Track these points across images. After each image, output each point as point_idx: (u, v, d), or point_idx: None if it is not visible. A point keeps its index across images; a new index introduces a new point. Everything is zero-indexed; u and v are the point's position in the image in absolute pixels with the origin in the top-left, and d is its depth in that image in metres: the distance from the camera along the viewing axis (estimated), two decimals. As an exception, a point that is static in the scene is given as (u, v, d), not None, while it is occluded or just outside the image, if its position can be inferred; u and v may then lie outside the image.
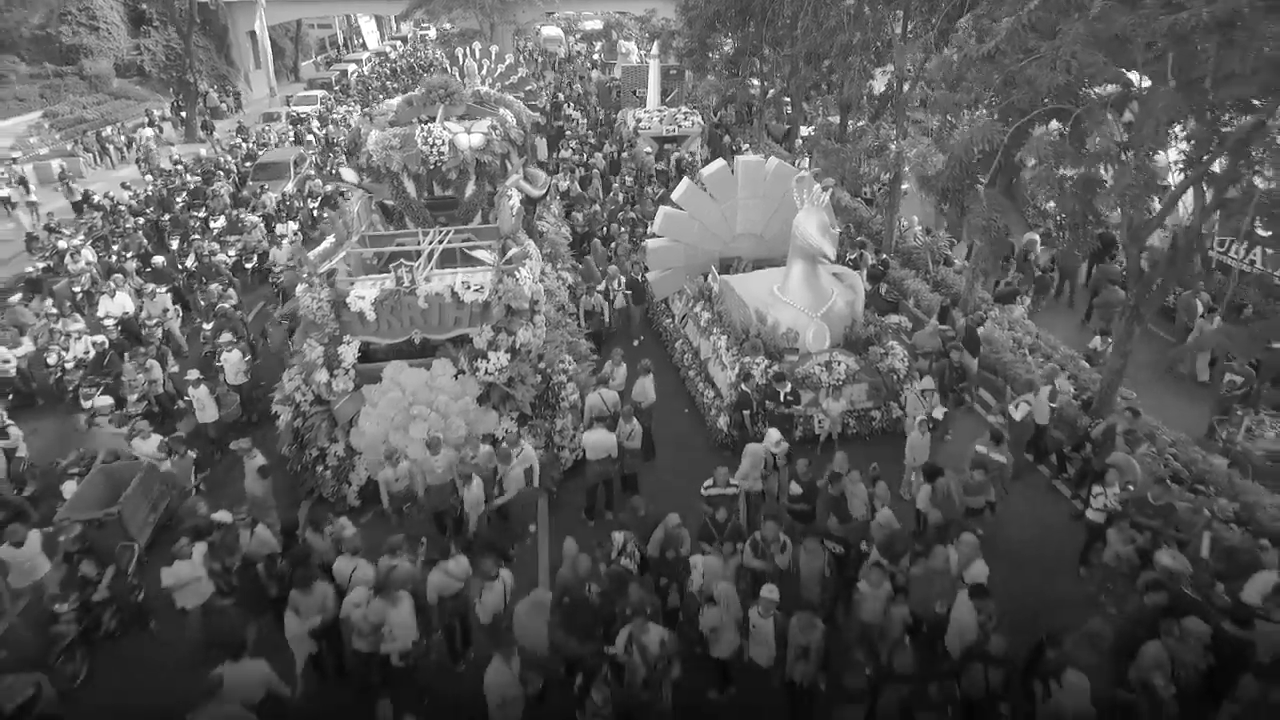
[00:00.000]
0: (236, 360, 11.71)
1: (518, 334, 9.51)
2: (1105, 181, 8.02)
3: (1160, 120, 7.55)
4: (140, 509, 9.37)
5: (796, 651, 6.30)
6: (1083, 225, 9.44)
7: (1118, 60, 8.01)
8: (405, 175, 11.99)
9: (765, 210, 12.80)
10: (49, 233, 17.44)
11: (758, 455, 8.50)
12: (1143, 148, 7.59)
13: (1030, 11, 8.09)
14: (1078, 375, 11.10)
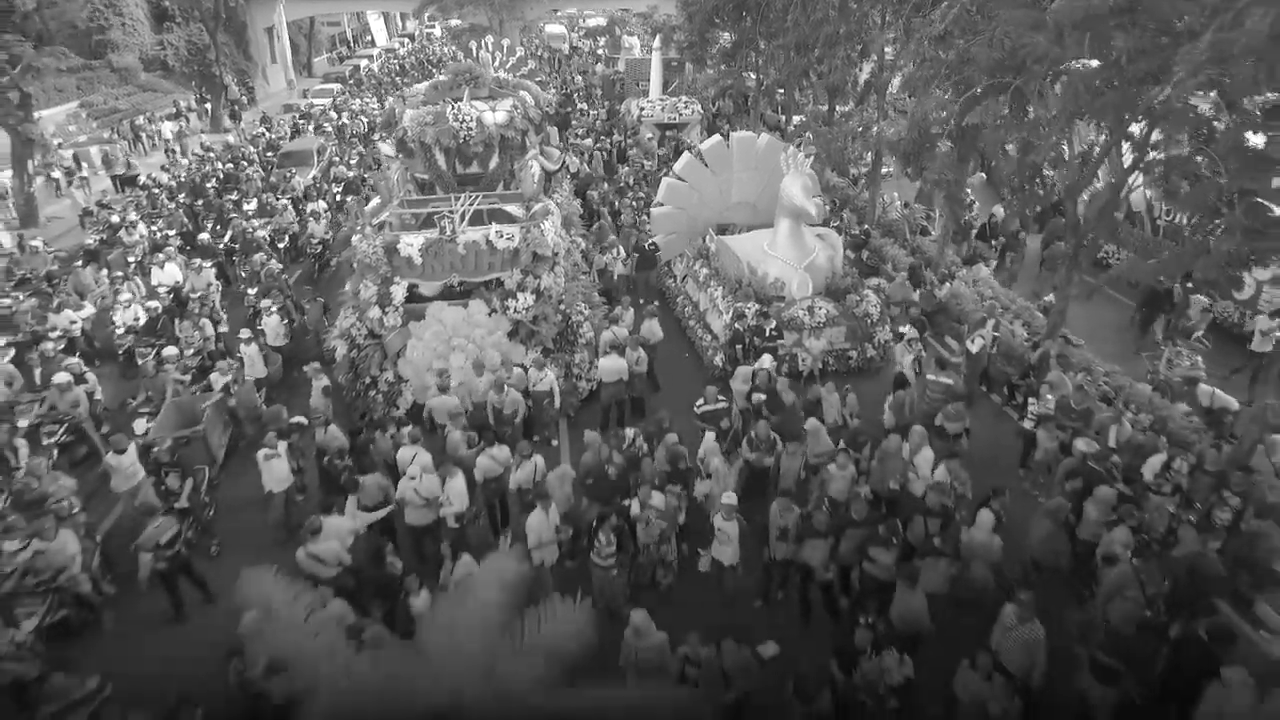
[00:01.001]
0: (276, 324, 13.14)
1: (542, 278, 11.08)
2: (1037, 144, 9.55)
3: (1080, 91, 9.10)
4: (215, 432, 10.94)
5: (777, 532, 7.80)
6: (1028, 186, 11.05)
7: (1049, 39, 9.55)
8: (437, 148, 13.51)
9: (757, 181, 14.34)
10: (101, 208, 18.98)
11: (745, 373, 10.08)
12: (1065, 115, 9.14)
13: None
14: (1031, 322, 12.66)
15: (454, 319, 10.75)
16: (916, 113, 10.58)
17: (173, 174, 22.33)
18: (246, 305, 14.80)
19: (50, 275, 15.72)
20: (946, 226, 15.07)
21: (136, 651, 7.79)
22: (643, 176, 20.12)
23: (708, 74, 26.01)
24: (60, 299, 14.66)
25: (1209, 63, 6.74)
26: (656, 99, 24.67)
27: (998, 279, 14.49)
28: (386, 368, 10.92)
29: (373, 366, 10.85)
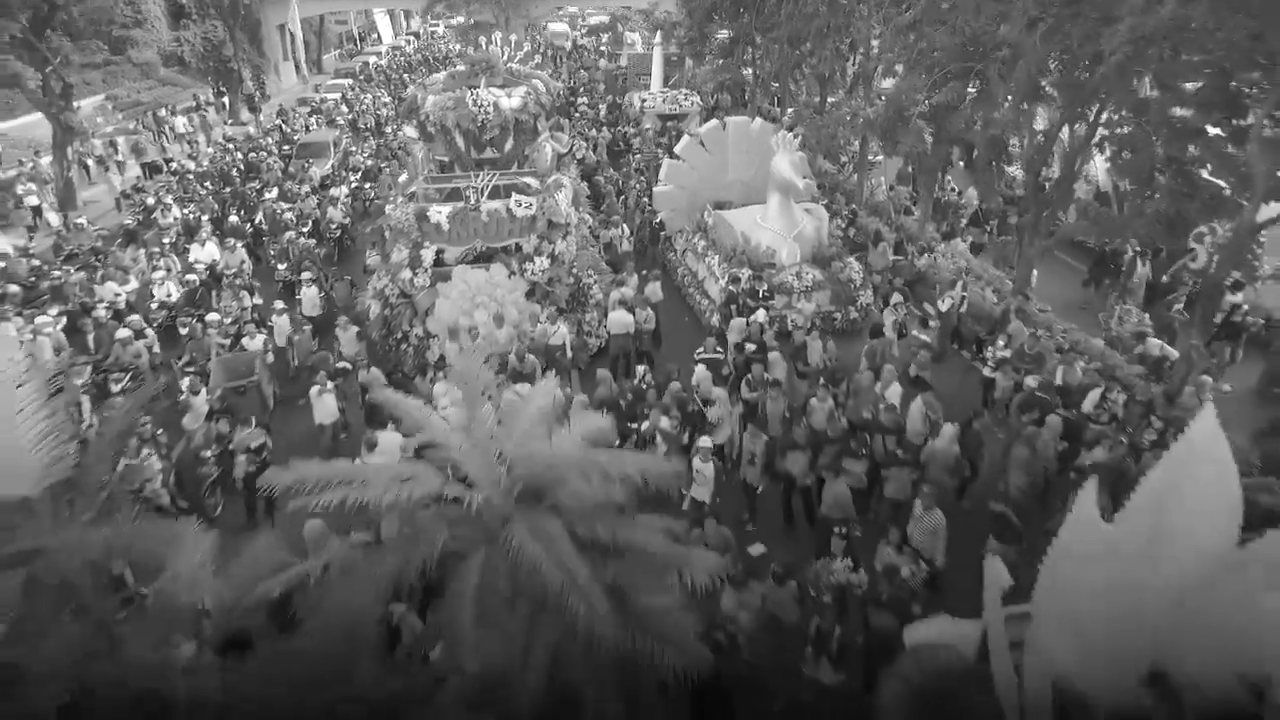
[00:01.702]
0: (313, 295, 14.38)
1: (557, 244, 12.33)
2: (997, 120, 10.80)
3: (1033, 73, 10.35)
4: (265, 381, 12.17)
5: (747, 456, 9.02)
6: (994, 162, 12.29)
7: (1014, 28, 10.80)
8: (457, 131, 14.74)
9: (751, 162, 15.58)
10: (136, 192, 20.22)
11: (740, 325, 11.33)
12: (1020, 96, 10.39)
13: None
14: (1000, 289, 13.89)
15: (477, 280, 11.99)
16: (891, 94, 11.81)
17: (198, 162, 23.57)
18: (276, 280, 16.02)
19: (95, 250, 16.96)
20: (926, 206, 16.31)
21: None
22: (646, 164, 21.36)
23: (706, 68, 27.29)
24: (105, 272, 15.89)
25: (1128, 44, 7.97)
26: (658, 92, 25.96)
27: (992, 258, 15.67)
28: (416, 324, 12.15)
29: (404, 323, 12.10)
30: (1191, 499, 4.95)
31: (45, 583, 3.99)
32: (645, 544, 4.07)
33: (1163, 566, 4.92)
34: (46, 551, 4.09)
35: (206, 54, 37.34)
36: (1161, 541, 4.93)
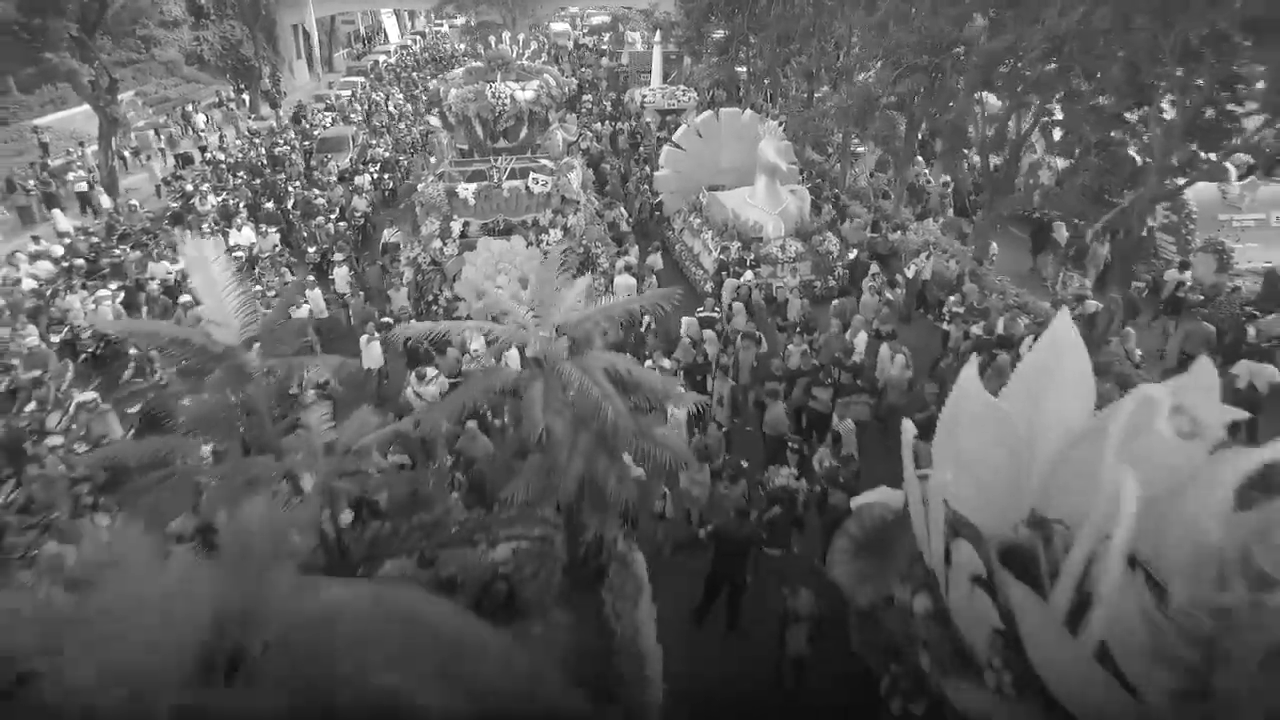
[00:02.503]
0: (345, 274, 16.02)
1: (569, 218, 14.00)
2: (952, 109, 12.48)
3: (983, 68, 12.03)
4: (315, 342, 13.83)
5: (718, 397, 10.65)
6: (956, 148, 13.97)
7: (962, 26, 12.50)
8: (476, 121, 16.43)
9: (742, 149, 17.23)
10: (175, 179, 21.88)
11: (731, 286, 13.02)
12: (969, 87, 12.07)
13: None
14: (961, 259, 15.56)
15: (499, 249, 13.65)
16: (859, 86, 13.51)
17: (227, 154, 25.25)
18: (308, 261, 17.66)
19: (145, 231, 18.61)
20: (900, 190, 18.00)
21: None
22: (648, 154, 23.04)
23: (703, 65, 29.00)
24: (157, 251, 17.53)
25: (1044, 41, 9.65)
26: (657, 88, 27.65)
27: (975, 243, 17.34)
28: (445, 288, 13.82)
29: (435, 286, 13.77)
30: (1057, 380, 6.68)
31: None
32: (650, 381, 5.76)
33: (1038, 431, 6.69)
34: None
35: (225, 53, 39.07)
36: (1037, 412, 6.64)
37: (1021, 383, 6.75)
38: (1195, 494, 5.18)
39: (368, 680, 3.29)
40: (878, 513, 7.48)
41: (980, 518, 6.40)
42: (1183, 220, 15.41)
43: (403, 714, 3.20)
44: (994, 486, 6.42)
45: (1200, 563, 4.55)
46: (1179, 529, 5.06)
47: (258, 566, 3.03)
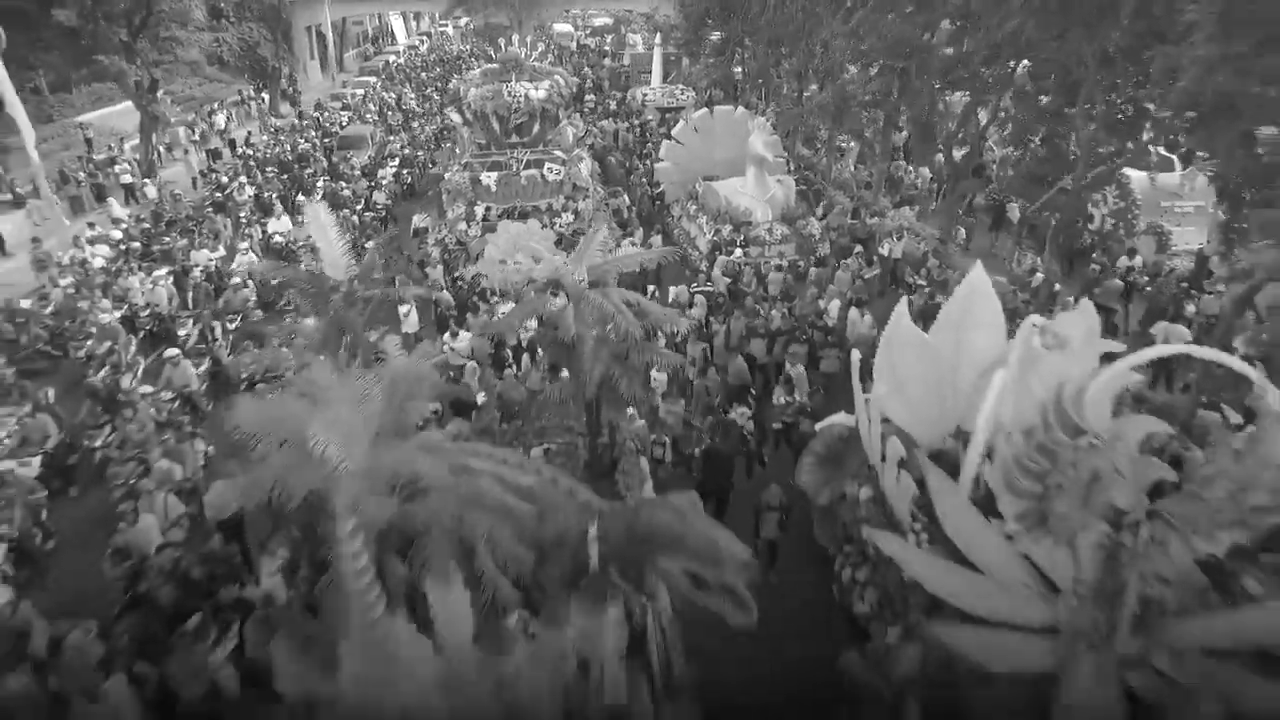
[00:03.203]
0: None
1: (579, 203, 15.75)
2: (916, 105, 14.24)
3: (941, 70, 13.78)
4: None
5: (696, 362, 12.40)
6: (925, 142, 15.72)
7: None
8: (494, 117, 18.19)
9: (734, 143, 18.96)
10: (211, 172, 23.63)
11: (724, 262, 14.78)
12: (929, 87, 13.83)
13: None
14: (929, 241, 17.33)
15: (517, 230, 15.34)
16: (836, 86, 15.26)
17: (255, 148, 27.01)
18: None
19: (190, 218, 20.34)
20: (879, 180, 19.76)
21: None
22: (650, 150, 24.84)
23: (701, 66, 30.77)
24: (200, 239, 19.23)
25: (985, 48, 11.41)
26: (658, 87, 29.40)
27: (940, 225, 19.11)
28: (467, 265, 15.57)
29: (460, 264, 15.51)
30: (974, 319, 8.44)
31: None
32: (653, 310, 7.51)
33: (961, 361, 8.47)
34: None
35: (243, 54, 40.82)
36: (958, 346, 8.40)
37: (946, 321, 8.51)
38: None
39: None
40: (835, 432, 9.25)
41: (913, 431, 8.16)
42: (1129, 206, 17.19)
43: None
44: (923, 405, 8.16)
45: (1037, 421, 6.28)
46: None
47: (402, 399, 4.75)
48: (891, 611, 7.89)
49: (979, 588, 6.63)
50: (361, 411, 4.39)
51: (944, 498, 6.96)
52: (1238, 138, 8.55)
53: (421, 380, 5.02)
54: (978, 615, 6.33)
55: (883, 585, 8.10)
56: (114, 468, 10.88)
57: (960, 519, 6.86)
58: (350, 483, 4.13)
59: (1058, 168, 12.92)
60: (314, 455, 4.21)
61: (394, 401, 4.64)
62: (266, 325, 15.14)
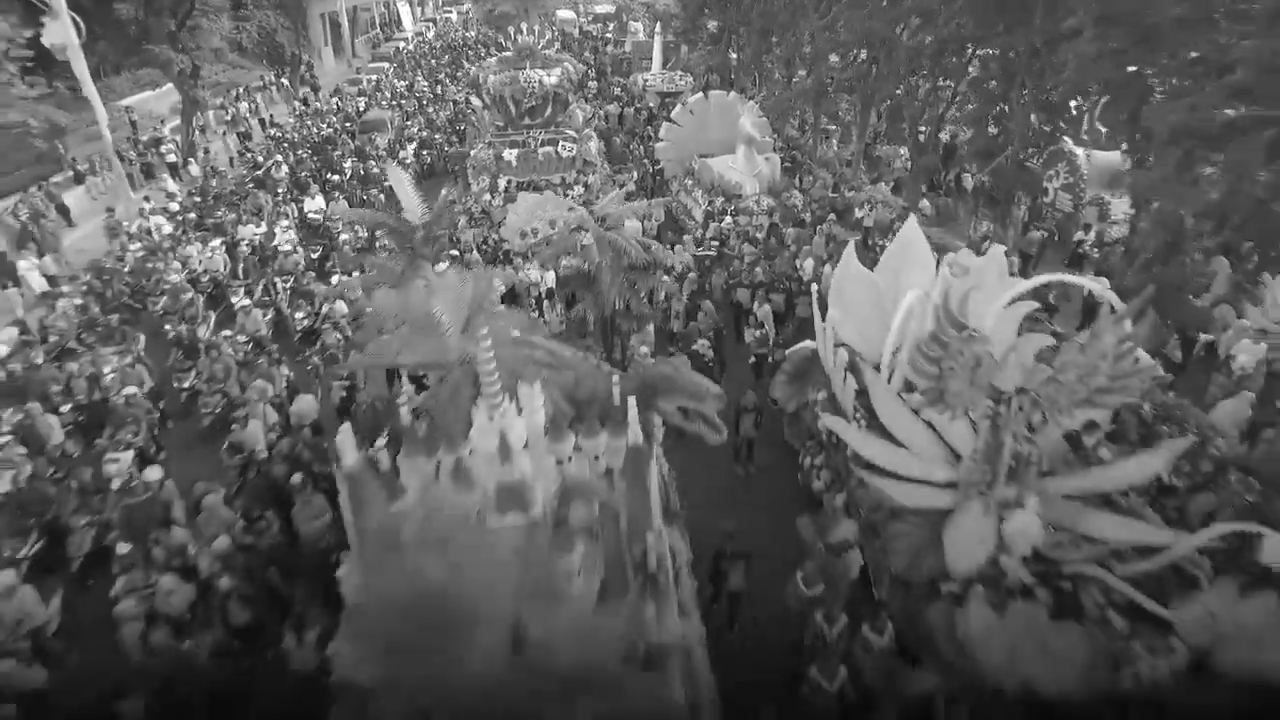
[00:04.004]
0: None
1: (589, 177, 17.89)
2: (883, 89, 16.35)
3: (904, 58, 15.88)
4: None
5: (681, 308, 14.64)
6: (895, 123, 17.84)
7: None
8: (510, 101, 20.29)
9: (727, 124, 21.05)
10: (247, 152, 25.70)
11: (716, 227, 16.95)
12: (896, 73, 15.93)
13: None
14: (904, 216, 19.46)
15: (535, 200, 17.52)
16: (816, 72, 17.37)
17: (283, 131, 29.07)
18: (370, 223, 21.44)
19: (234, 193, 22.43)
20: (857, 159, 21.90)
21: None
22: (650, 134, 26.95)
23: (698, 53, 32.76)
24: (244, 215, 21.30)
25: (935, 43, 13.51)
26: (658, 73, 31.39)
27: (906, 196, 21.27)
28: (493, 232, 17.72)
29: (485, 231, 17.67)
30: (909, 261, 10.59)
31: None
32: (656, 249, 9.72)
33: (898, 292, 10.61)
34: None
35: (261, 40, 42.73)
36: (897, 280, 10.56)
37: (886, 262, 10.73)
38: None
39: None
40: (801, 354, 11.47)
41: (858, 346, 10.35)
42: (1076, 180, 19.35)
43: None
44: (866, 325, 10.36)
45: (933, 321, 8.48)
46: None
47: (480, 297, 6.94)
48: (838, 485, 10.15)
49: (901, 455, 8.88)
50: (459, 299, 6.58)
51: (876, 391, 9.21)
52: (1128, 116, 10.71)
53: (491, 286, 7.21)
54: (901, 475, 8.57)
55: (833, 466, 10.36)
56: (203, 399, 13.12)
57: (887, 406, 9.12)
58: (459, 341, 6.34)
59: (1006, 144, 15.05)
60: (431, 327, 6.42)
61: (477, 298, 6.82)
62: (315, 285, 17.29)
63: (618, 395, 6.48)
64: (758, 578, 8.98)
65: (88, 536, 10.23)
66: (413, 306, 6.45)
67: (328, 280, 17.32)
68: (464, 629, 4.13)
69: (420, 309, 6.40)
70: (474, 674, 4.01)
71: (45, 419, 12.07)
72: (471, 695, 3.90)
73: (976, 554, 7.86)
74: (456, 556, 4.29)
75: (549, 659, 4.18)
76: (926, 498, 8.62)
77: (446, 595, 4.06)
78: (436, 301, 6.37)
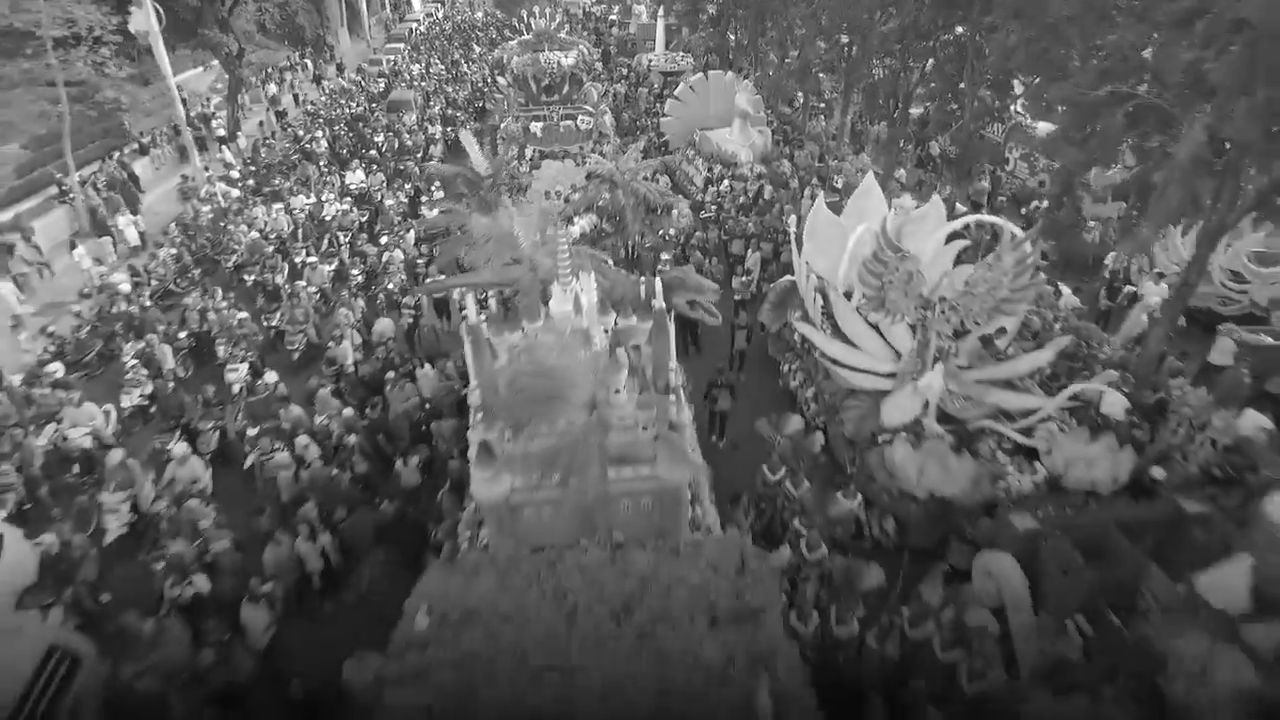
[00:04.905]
0: (441, 197, 22.44)
1: (604, 147, 20.51)
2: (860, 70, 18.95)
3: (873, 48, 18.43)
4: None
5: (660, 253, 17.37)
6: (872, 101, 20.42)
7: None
8: (531, 81, 22.82)
9: (724, 101, 23.63)
10: (286, 127, 28.22)
11: (713, 193, 19.61)
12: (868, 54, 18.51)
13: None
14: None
15: (557, 168, 20.22)
16: (800, 55, 19.93)
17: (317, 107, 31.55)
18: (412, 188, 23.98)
19: (283, 163, 25.01)
20: (842, 134, 24.49)
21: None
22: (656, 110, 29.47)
23: (699, 35, 35.16)
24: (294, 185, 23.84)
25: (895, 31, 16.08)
26: (661, 54, 33.82)
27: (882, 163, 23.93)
28: (519, 195, 20.37)
29: (514, 194, 20.32)
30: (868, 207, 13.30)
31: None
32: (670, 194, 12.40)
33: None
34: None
35: (283, 22, 44.97)
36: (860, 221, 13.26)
37: (850, 208, 13.42)
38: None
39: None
40: (783, 284, 14.20)
41: (825, 274, 13.04)
42: (1031, 150, 22.01)
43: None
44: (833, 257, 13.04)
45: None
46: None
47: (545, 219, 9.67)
48: (809, 382, 12.93)
49: (856, 353, 11.63)
50: (531, 220, 9.33)
51: (837, 305, 11.94)
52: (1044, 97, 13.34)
53: (554, 213, 9.95)
54: (855, 368, 11.30)
55: (805, 369, 13.12)
56: (289, 337, 15.73)
57: (846, 316, 11.86)
58: (531, 250, 9.09)
59: (961, 117, 17.66)
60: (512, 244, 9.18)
61: (545, 218, 9.56)
62: (366, 245, 19.95)
63: (644, 291, 9.21)
64: (740, 437, 11.86)
65: (214, 437, 12.80)
66: (500, 226, 9.15)
67: (377, 241, 19.96)
68: (560, 402, 6.91)
69: (505, 228, 9.13)
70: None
71: (161, 347, 14.73)
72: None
73: (904, 416, 10.64)
74: (552, 360, 7.04)
75: (605, 430, 6.97)
76: (873, 383, 11.41)
77: (551, 377, 6.80)
78: (517, 222, 9.10)
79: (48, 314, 16.62)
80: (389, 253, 17.61)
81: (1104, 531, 8.00)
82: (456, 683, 4.91)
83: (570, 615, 5.45)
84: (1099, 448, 9.92)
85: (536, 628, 5.29)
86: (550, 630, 5.24)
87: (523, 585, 5.69)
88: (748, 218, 18.52)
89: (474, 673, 4.92)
